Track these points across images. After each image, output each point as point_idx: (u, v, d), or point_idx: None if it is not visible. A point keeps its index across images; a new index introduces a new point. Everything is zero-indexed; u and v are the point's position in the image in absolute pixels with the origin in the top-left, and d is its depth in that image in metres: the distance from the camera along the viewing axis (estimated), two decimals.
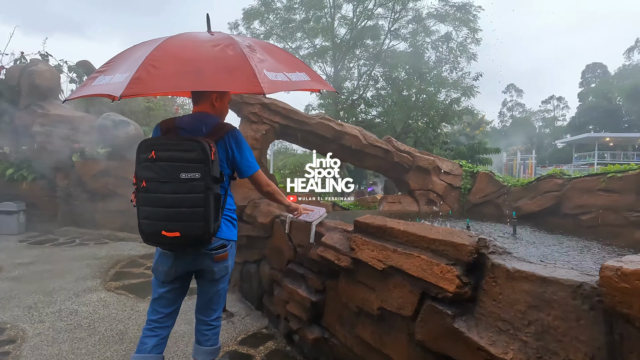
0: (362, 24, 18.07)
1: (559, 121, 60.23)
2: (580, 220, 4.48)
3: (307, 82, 2.33)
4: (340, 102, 18.26)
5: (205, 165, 1.97)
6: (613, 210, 4.16)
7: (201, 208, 1.98)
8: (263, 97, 4.96)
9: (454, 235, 1.73)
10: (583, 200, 4.44)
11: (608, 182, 4.23)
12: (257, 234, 4.32)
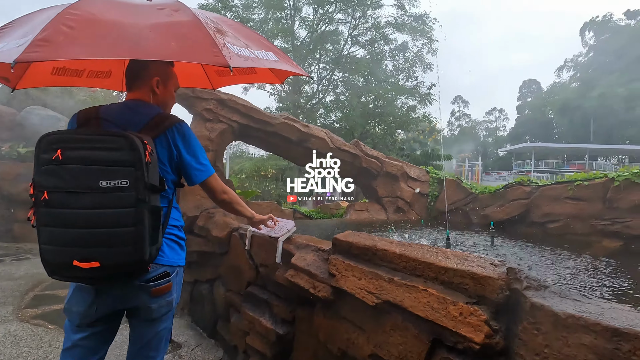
0: (323, 27, 17.92)
1: (500, 131, 65.23)
2: (548, 228, 4.46)
3: (276, 62, 1.86)
4: (300, 105, 17.89)
5: (137, 170, 1.42)
6: (580, 218, 4.17)
7: (130, 228, 1.42)
8: (219, 92, 4.38)
9: (472, 262, 1.35)
10: (551, 208, 4.42)
11: (575, 190, 4.23)
12: (210, 249, 3.73)
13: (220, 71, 2.55)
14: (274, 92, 19.33)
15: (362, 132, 17.73)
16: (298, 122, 4.89)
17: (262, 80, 2.77)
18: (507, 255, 3.22)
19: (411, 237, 3.90)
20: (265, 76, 2.45)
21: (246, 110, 4.47)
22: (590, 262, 2.94)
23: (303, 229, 4.67)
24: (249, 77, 2.56)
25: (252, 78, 2.61)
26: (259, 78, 2.66)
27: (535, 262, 2.93)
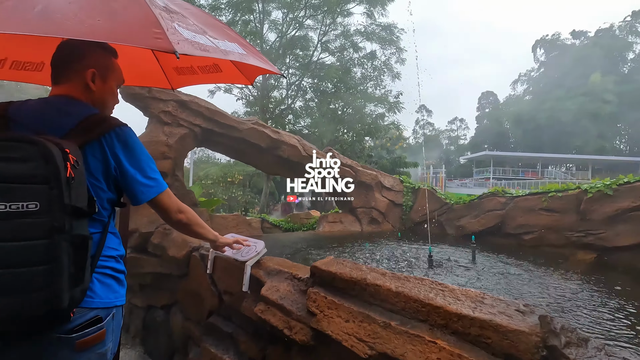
0: (292, 33, 17.69)
1: (462, 140, 68.24)
2: (523, 240, 4.41)
3: (242, 55, 1.53)
4: (269, 111, 17.48)
5: (52, 188, 1.04)
6: (555, 230, 4.15)
7: (41, 267, 1.03)
8: (180, 93, 3.94)
9: (491, 308, 1.09)
10: (526, 220, 4.38)
11: (550, 201, 4.21)
12: (167, 270, 3.28)
13: (181, 68, 2.17)
14: (242, 96, 18.78)
15: (331, 138, 17.63)
16: (268, 128, 4.54)
17: (229, 80, 2.40)
18: (493, 274, 3.06)
19: (391, 254, 3.66)
20: (233, 75, 2.10)
21: (210, 113, 4.05)
22: (583, 282, 2.84)
23: (272, 243, 4.30)
24: (213, 77, 2.20)
25: (217, 77, 2.24)
26: (225, 77, 2.29)
27: (526, 282, 2.78)
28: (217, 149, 4.73)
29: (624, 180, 3.77)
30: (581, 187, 4.06)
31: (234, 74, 2.10)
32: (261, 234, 4.61)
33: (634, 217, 3.58)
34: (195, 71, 2.16)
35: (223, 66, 2.07)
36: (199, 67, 2.13)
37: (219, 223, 4.24)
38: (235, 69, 2.07)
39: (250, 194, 19.77)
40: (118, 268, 1.43)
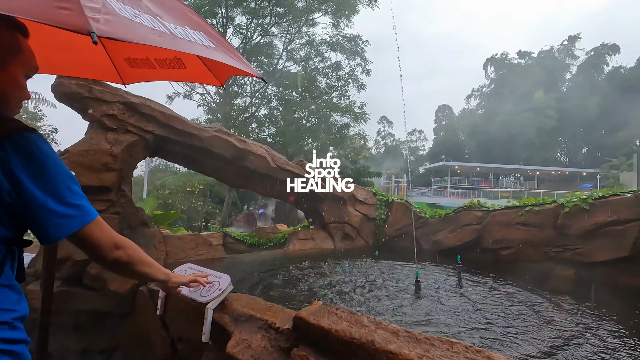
0: (257, 39, 17.28)
1: (421, 150, 70.86)
2: (501, 255, 4.29)
3: (207, 48, 1.14)
4: (232, 118, 16.81)
5: None
6: (533, 245, 4.06)
7: None
8: (129, 94, 3.38)
9: None
10: (503, 234, 4.27)
11: (526, 215, 4.13)
12: (107, 308, 2.72)
13: (134, 60, 1.73)
14: (203, 102, 17.95)
15: (296, 148, 17.32)
16: (233, 136, 4.07)
17: (195, 78, 1.95)
18: (486, 306, 2.82)
19: (373, 278, 3.33)
20: (199, 74, 1.68)
21: (166, 118, 3.52)
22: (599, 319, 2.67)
23: (237, 266, 3.80)
24: (175, 73, 1.75)
25: (180, 74, 1.80)
26: (190, 75, 1.84)
27: (530, 319, 2.56)
28: (174, 159, 4.17)
29: (598, 194, 3.76)
30: (557, 201, 4.02)
31: (201, 72, 1.67)
32: (224, 255, 4.09)
33: (610, 232, 3.55)
34: (152, 64, 1.71)
35: (187, 61, 1.64)
36: (157, 60, 1.68)
37: (175, 245, 3.68)
38: (202, 66, 1.65)
39: (211, 204, 18.79)
40: (13, 338, 0.96)
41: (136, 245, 1.34)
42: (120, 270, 1.26)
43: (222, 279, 1.92)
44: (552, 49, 48.09)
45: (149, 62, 1.69)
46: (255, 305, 1.79)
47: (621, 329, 2.34)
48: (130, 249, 1.22)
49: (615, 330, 2.32)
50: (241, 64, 1.23)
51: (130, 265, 1.22)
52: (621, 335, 2.23)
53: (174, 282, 1.55)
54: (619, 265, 3.49)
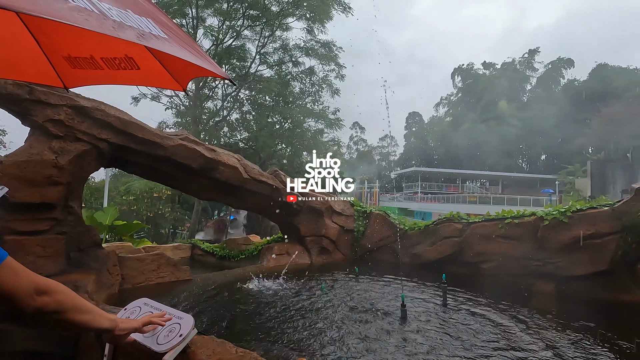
0: (229, 42, 16.79)
1: (392, 156, 72.25)
2: (481, 268, 4.20)
3: (158, 39, 0.84)
4: (202, 122, 16.17)
5: None
6: (513, 258, 3.99)
7: None
8: (79, 97, 2.97)
9: None
10: (484, 247, 4.18)
11: (507, 228, 4.07)
12: (46, 349, 2.31)
13: (75, 59, 1.41)
14: (172, 105, 17.16)
15: (269, 153, 16.94)
16: (201, 145, 3.71)
17: (151, 81, 1.63)
18: (479, 331, 2.66)
19: (355, 302, 3.09)
20: (156, 75, 1.38)
21: (123, 125, 3.13)
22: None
23: (205, 289, 3.41)
24: (126, 75, 1.43)
25: (132, 77, 1.48)
26: (145, 78, 1.52)
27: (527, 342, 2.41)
28: (134, 170, 3.75)
29: (576, 207, 3.76)
30: (537, 213, 3.98)
31: (158, 73, 1.37)
32: (190, 276, 3.70)
33: (589, 246, 3.54)
34: (98, 65, 1.39)
35: (142, 61, 1.33)
36: (104, 59, 1.36)
37: (133, 267, 3.27)
38: (159, 67, 1.35)
39: (180, 210, 17.95)
40: None
41: (67, 289, 1.07)
42: (47, 320, 1.03)
43: (185, 320, 1.61)
44: (514, 61, 50.81)
45: (94, 61, 1.38)
46: (225, 355, 1.50)
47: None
48: (59, 294, 1.01)
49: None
50: (203, 61, 0.96)
51: (61, 314, 1.01)
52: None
53: (122, 329, 1.27)
54: (598, 279, 3.47)
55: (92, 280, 2.66)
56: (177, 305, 2.88)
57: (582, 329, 2.64)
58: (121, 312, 1.83)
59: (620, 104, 28.89)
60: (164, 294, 3.09)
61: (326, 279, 3.83)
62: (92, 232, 3.07)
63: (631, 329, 2.73)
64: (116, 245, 5.76)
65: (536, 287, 3.74)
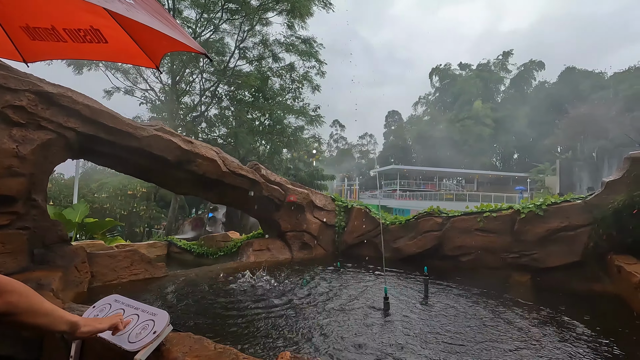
0: (207, 35, 16.36)
1: (372, 154, 72.98)
2: (460, 262, 4.26)
3: (123, 3, 0.74)
4: (179, 117, 15.70)
5: None
6: (491, 251, 4.07)
7: None
8: (44, 82, 2.76)
9: None
10: (463, 241, 4.24)
11: (485, 222, 4.14)
12: (8, 352, 2.16)
13: (35, 30, 1.27)
14: (146, 99, 16.56)
15: (249, 149, 16.69)
16: (177, 136, 3.56)
17: (119, 57, 1.49)
18: (458, 320, 2.67)
19: (337, 296, 3.05)
20: (126, 50, 1.26)
21: (93, 113, 2.94)
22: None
23: (182, 286, 3.28)
24: (92, 49, 1.30)
25: (99, 51, 1.34)
26: (114, 53, 1.38)
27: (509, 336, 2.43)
28: (105, 162, 3.54)
29: (551, 200, 3.87)
30: (514, 207, 4.07)
31: (128, 48, 1.25)
32: (165, 273, 3.54)
33: (562, 238, 3.65)
34: (61, 36, 1.25)
35: (109, 33, 1.21)
36: (67, 30, 1.23)
37: (104, 264, 3.09)
38: (129, 41, 1.23)
39: (155, 208, 17.40)
40: None
41: (26, 289, 0.97)
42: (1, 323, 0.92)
43: (158, 317, 1.51)
44: (489, 62, 52.36)
45: (55, 33, 1.25)
46: (202, 352, 1.41)
47: None
48: (11, 294, 0.93)
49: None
50: (177, 32, 0.87)
51: (14, 317, 0.94)
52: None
53: (83, 332, 1.17)
54: (571, 270, 3.59)
55: (58, 277, 2.49)
56: (151, 301, 2.74)
57: (554, 319, 2.71)
58: (89, 310, 1.70)
59: (586, 106, 30.37)
60: (137, 291, 2.94)
61: (307, 274, 3.78)
62: (58, 228, 2.88)
63: (596, 316, 2.83)
64: (87, 243, 5.47)
65: (513, 278, 3.83)
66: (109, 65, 13.96)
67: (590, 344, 2.23)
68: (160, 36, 0.92)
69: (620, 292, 3.09)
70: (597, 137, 27.99)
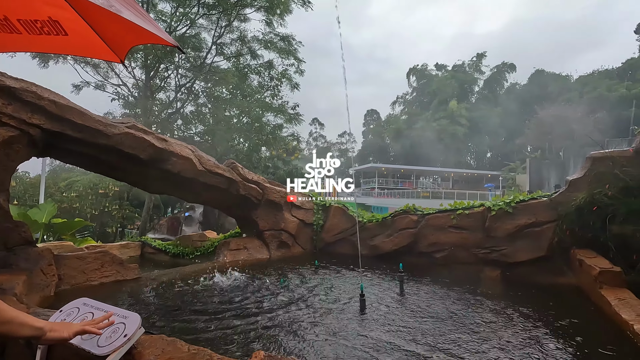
0: (183, 29, 15.93)
1: (350, 152, 73.53)
2: (435, 258, 4.38)
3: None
4: (153, 114, 15.23)
5: None
6: (464, 247, 4.21)
7: None
8: (3, 74, 2.62)
9: None
10: (437, 238, 4.36)
11: (458, 219, 4.28)
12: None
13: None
14: (118, 95, 15.94)
15: (227, 147, 16.43)
16: (151, 134, 3.46)
17: (82, 50, 1.43)
18: (417, 307, 2.75)
19: (315, 294, 3.06)
20: (88, 43, 1.20)
21: (60, 109, 2.81)
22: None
23: (157, 286, 3.20)
24: (52, 42, 1.24)
25: (59, 44, 1.27)
26: (74, 46, 1.31)
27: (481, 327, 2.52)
28: (73, 161, 3.40)
29: (520, 198, 4.04)
30: (485, 204, 4.23)
31: (90, 41, 1.20)
32: (138, 274, 3.44)
33: (530, 234, 3.83)
34: (15, 28, 1.18)
35: (69, 25, 1.16)
36: (23, 22, 1.17)
37: (73, 267, 2.97)
38: (91, 33, 1.18)
39: (129, 207, 16.84)
40: None
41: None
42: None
43: (129, 320, 1.48)
44: (464, 63, 53.86)
45: (9, 24, 1.18)
46: (176, 354, 1.39)
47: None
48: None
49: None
50: (146, 22, 0.85)
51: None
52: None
53: (48, 338, 1.13)
54: (537, 264, 3.77)
55: (22, 281, 2.37)
56: (123, 304, 2.67)
57: (520, 310, 2.84)
58: (56, 315, 1.64)
59: (553, 108, 31.84)
60: (108, 294, 2.85)
61: (285, 273, 3.77)
62: (21, 229, 2.74)
63: (558, 307, 2.99)
64: (54, 244, 5.23)
65: (484, 273, 3.99)
66: (78, 59, 13.33)
67: (550, 330, 2.36)
68: (126, 29, 0.89)
69: (581, 283, 3.28)
70: (563, 137, 29.44)
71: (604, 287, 2.83)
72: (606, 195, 3.30)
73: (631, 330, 2.18)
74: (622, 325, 2.31)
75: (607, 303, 2.60)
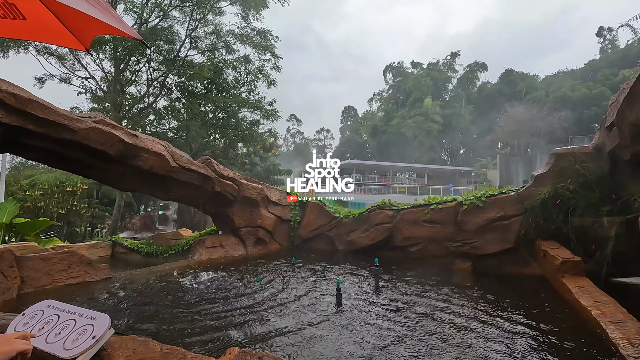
0: (155, 21, 15.36)
1: (328, 149, 73.71)
2: (409, 252, 4.49)
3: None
4: (124, 109, 14.65)
5: None
6: (436, 241, 4.34)
7: None
8: None
9: None
10: (411, 232, 4.47)
11: (432, 213, 4.40)
12: None
13: None
14: (86, 89, 15.18)
15: (202, 143, 16.06)
16: (120, 129, 3.33)
17: (42, 36, 1.34)
18: (392, 304, 2.81)
19: (292, 292, 3.07)
20: (49, 29, 1.14)
21: (20, 103, 2.65)
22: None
23: (128, 286, 3.10)
24: (9, 26, 1.16)
25: (16, 29, 1.18)
26: (33, 31, 1.21)
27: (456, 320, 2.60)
28: (35, 157, 3.22)
29: (489, 192, 4.20)
30: (457, 199, 4.37)
31: (51, 26, 1.13)
32: (108, 274, 3.32)
33: (498, 227, 4.00)
34: None
35: (26, 8, 1.09)
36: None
37: (36, 268, 2.83)
38: (52, 18, 1.12)
39: (98, 206, 16.16)
40: None
41: None
42: None
43: (98, 321, 1.43)
44: (438, 62, 55.15)
45: None
46: (148, 354, 1.36)
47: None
48: None
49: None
50: (107, 15, 0.82)
51: None
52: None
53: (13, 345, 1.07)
54: (505, 256, 3.95)
55: None
56: (92, 305, 2.57)
57: (489, 299, 2.97)
58: (18, 318, 1.56)
59: (522, 106, 33.23)
60: (75, 296, 2.74)
61: (261, 269, 3.76)
62: None
63: (522, 293, 3.16)
64: (16, 245, 4.96)
65: (456, 265, 4.13)
66: (41, 49, 12.58)
67: (518, 317, 2.49)
68: (87, 17, 0.86)
69: (545, 273, 3.46)
70: (531, 134, 30.83)
71: (565, 276, 3.00)
72: (568, 189, 3.50)
73: (589, 315, 2.33)
74: (581, 311, 2.46)
75: (568, 291, 2.76)
